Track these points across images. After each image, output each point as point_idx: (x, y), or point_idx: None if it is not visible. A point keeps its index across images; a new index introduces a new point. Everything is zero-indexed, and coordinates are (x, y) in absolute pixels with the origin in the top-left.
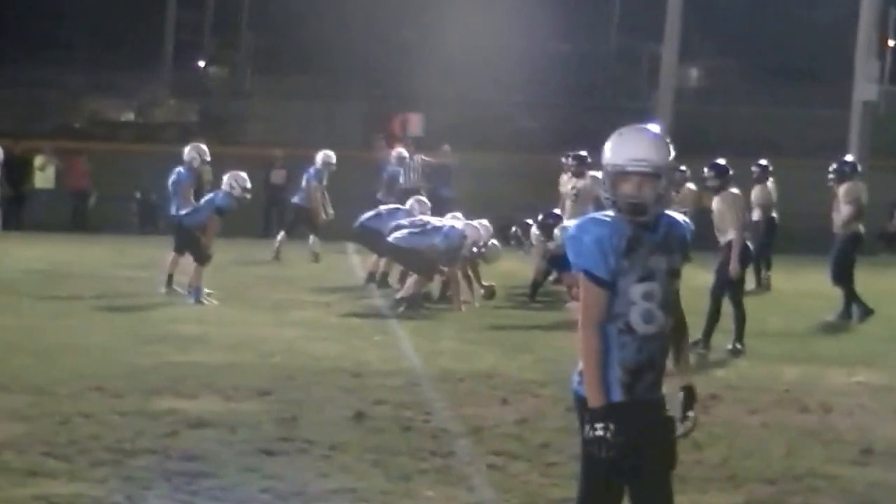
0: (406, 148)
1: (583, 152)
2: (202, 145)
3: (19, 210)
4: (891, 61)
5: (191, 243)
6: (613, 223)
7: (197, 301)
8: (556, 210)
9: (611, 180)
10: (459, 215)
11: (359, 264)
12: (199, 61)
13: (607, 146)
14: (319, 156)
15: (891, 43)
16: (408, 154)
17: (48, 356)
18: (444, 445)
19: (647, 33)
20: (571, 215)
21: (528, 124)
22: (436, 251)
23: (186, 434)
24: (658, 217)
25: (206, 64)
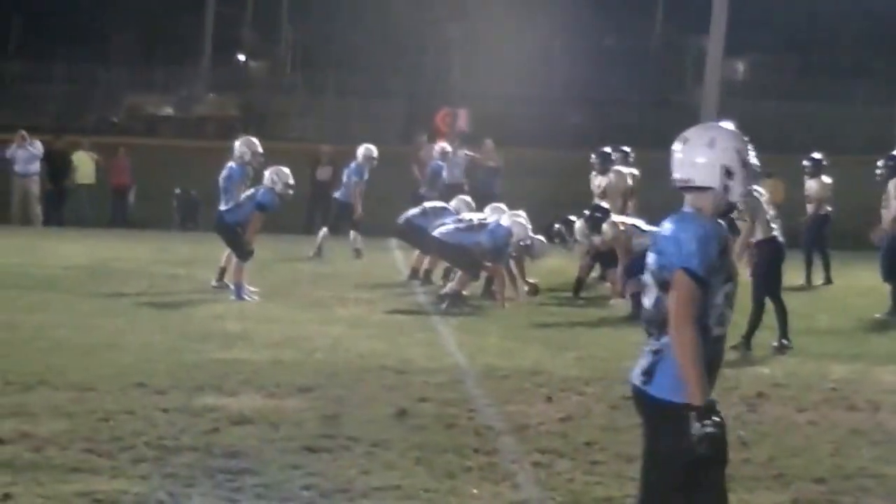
0: (450, 143)
1: (607, 149)
2: (253, 139)
3: (60, 206)
4: None
5: (232, 240)
6: (712, 223)
7: (239, 298)
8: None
9: None
10: (502, 206)
11: (402, 260)
12: (239, 56)
13: (743, 145)
14: (360, 150)
15: None
16: (451, 149)
17: (90, 353)
18: (488, 443)
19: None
20: None
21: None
22: (482, 248)
23: (229, 431)
24: None
25: (245, 58)
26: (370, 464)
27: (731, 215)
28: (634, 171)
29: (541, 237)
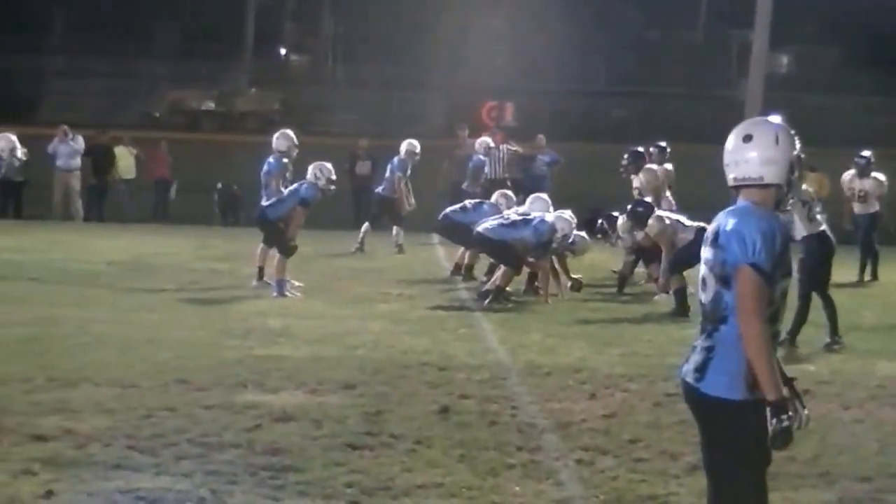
0: (493, 138)
1: (639, 148)
2: (290, 132)
3: (101, 201)
4: None
5: (275, 235)
6: (773, 218)
7: (280, 294)
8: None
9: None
10: (544, 196)
11: (444, 256)
12: (280, 49)
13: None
14: (403, 145)
15: None
16: (495, 144)
17: (132, 349)
18: (531, 440)
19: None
20: None
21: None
22: (525, 244)
23: (271, 428)
24: None
25: (286, 52)
26: (412, 461)
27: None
28: (668, 166)
29: (583, 233)
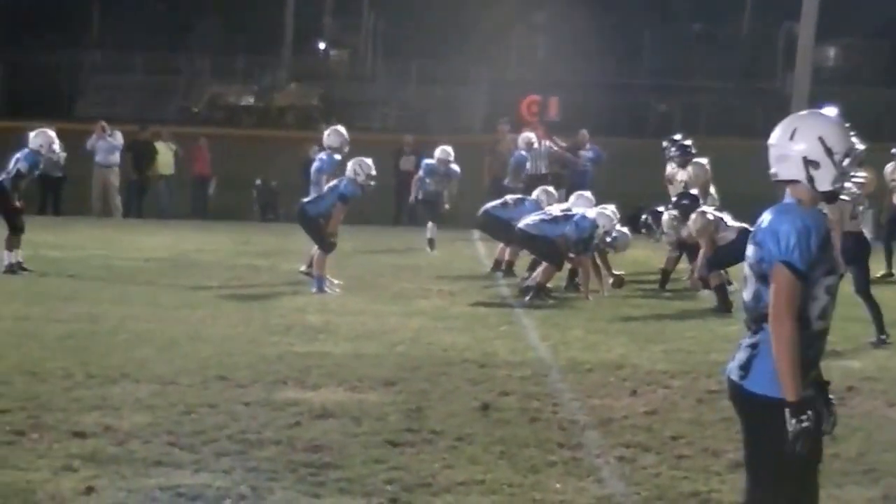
0: (535, 133)
1: (687, 141)
2: (342, 128)
3: (141, 197)
4: None
5: (314, 232)
6: (814, 214)
7: (320, 291)
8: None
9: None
10: (587, 194)
11: (484, 252)
12: (320, 44)
13: (829, 130)
14: (437, 151)
15: None
16: (537, 139)
17: (172, 345)
18: (573, 437)
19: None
20: None
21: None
22: (567, 240)
23: (311, 425)
24: None
25: (326, 47)
26: (453, 458)
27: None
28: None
29: (625, 229)
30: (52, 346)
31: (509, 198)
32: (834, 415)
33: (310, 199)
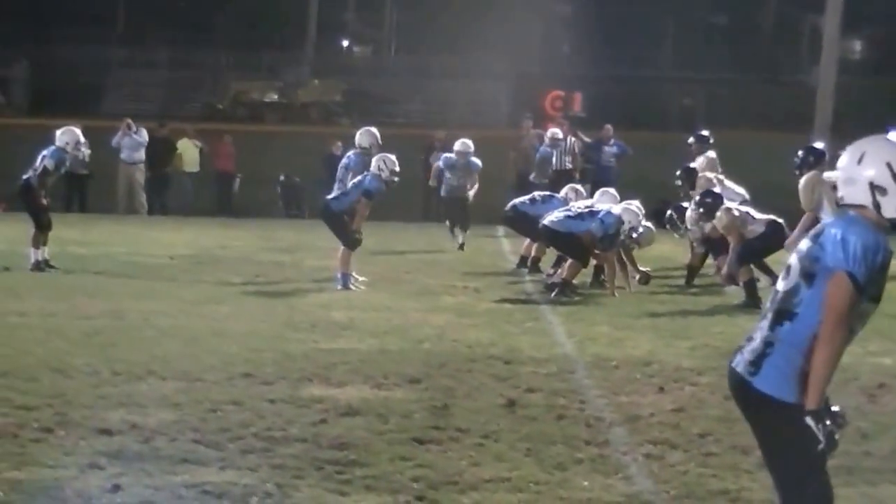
0: (560, 128)
1: (705, 132)
2: (374, 130)
3: (161, 194)
4: None
5: (339, 228)
6: (882, 236)
7: (345, 287)
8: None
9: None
10: (612, 191)
11: (509, 249)
12: (343, 40)
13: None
14: (457, 144)
15: None
16: (562, 134)
17: (197, 342)
18: (599, 434)
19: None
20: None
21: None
22: (592, 236)
23: (336, 422)
24: None
25: (349, 42)
26: (479, 455)
27: None
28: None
29: (649, 224)
30: (78, 343)
31: (538, 194)
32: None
33: (334, 196)
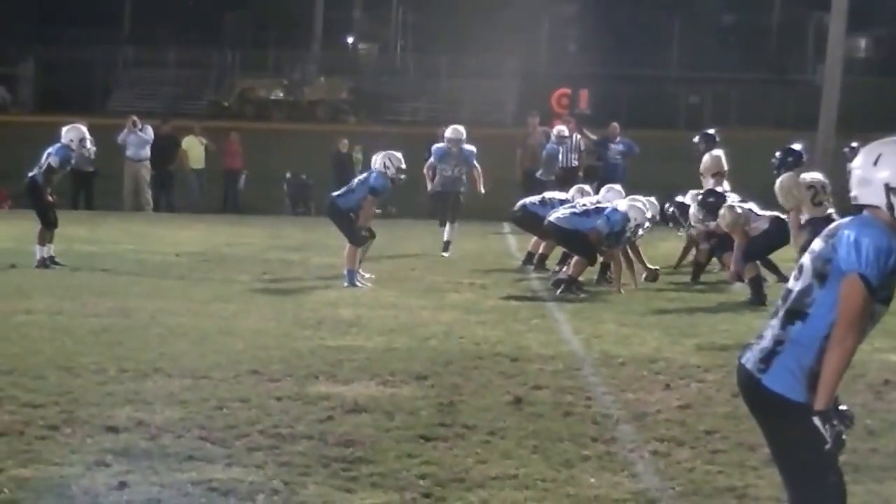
0: (567, 126)
1: (711, 130)
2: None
3: (166, 191)
4: None
5: (345, 225)
6: (893, 236)
7: (351, 284)
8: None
9: None
10: (617, 187)
11: (515, 246)
12: (349, 38)
13: None
14: (448, 131)
15: None
16: (568, 132)
17: (204, 340)
18: (606, 431)
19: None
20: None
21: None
22: (598, 233)
23: (343, 419)
24: None
25: (356, 41)
26: (486, 453)
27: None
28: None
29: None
30: (85, 341)
31: (548, 195)
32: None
33: (340, 193)
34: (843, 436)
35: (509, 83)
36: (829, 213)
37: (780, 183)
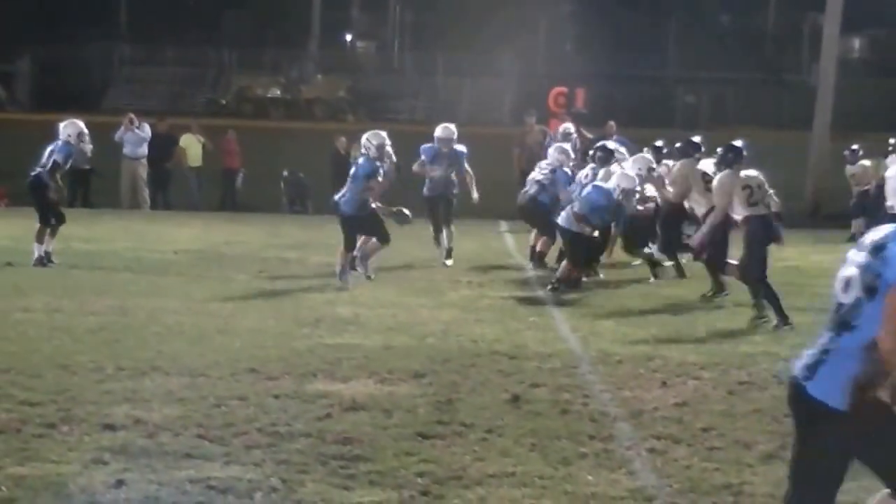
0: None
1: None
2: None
3: (162, 189)
4: None
5: (365, 227)
6: None
7: (367, 277)
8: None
9: None
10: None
11: (513, 244)
12: (347, 37)
13: None
14: (438, 130)
15: None
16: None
17: (202, 338)
18: (604, 429)
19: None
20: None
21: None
22: (587, 219)
23: (341, 417)
24: None
25: (353, 39)
26: (484, 450)
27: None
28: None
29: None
30: (83, 339)
31: (537, 176)
32: None
33: (343, 197)
34: None
35: (507, 82)
36: (765, 213)
37: (718, 180)
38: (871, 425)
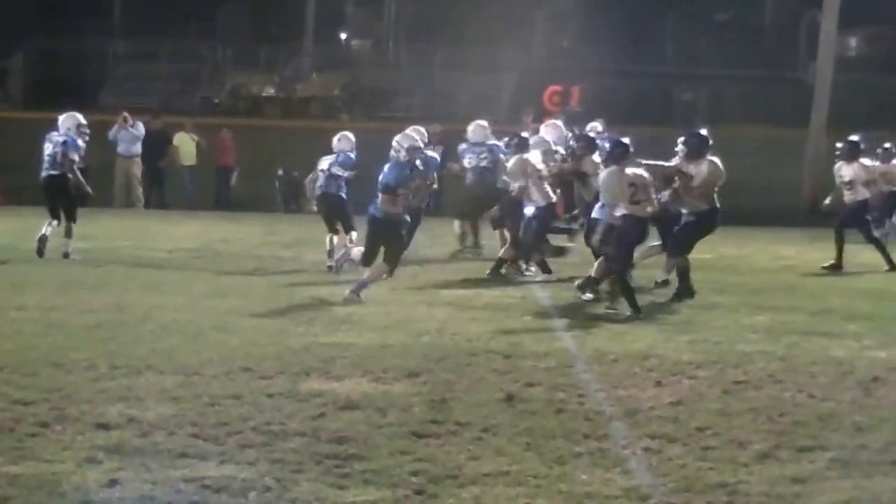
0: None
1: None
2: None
3: (157, 187)
4: None
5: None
6: None
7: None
8: None
9: None
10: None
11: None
12: (342, 34)
13: None
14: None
15: None
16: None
17: (197, 336)
18: (599, 428)
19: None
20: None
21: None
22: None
23: (336, 416)
24: None
25: (348, 36)
26: (479, 449)
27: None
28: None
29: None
30: (78, 337)
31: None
32: None
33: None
34: None
35: (505, 78)
36: (648, 213)
37: (605, 175)
38: None
